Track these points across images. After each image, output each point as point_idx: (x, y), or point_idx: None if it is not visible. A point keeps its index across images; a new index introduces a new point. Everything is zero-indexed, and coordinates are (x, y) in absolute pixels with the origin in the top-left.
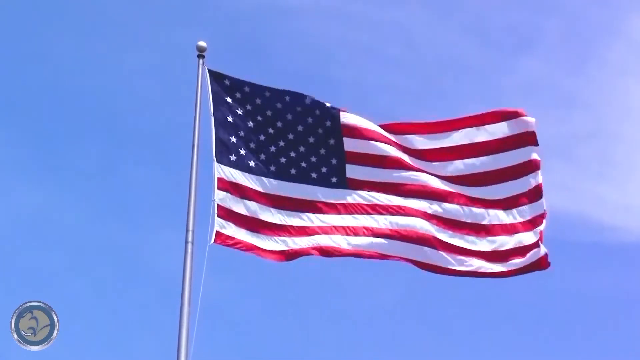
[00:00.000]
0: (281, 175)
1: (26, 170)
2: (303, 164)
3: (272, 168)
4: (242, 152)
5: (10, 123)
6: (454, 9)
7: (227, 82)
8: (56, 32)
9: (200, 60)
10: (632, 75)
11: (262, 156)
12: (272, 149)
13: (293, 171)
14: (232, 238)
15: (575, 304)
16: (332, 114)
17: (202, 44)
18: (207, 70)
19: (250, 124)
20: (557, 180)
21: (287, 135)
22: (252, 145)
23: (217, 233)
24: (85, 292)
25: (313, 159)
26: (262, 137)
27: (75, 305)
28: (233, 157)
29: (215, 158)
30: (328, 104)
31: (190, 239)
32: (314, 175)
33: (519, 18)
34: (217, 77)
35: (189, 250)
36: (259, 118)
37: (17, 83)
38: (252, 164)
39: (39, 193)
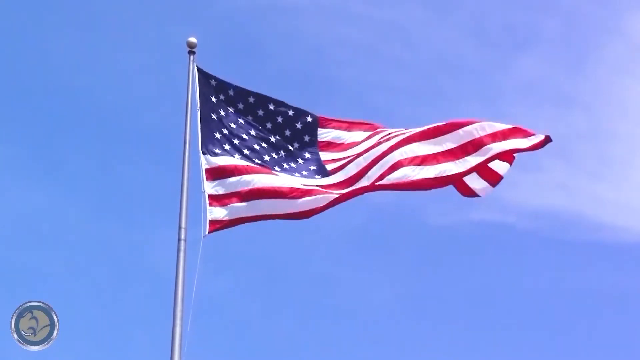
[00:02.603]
0: (269, 164)
1: (22, 170)
2: (285, 165)
3: (257, 161)
4: (227, 147)
5: (6, 122)
6: (452, 9)
7: (212, 82)
8: (51, 31)
9: (191, 57)
10: (629, 74)
11: (246, 151)
12: (255, 146)
13: (277, 168)
14: (225, 220)
15: (573, 302)
16: (311, 126)
17: (193, 40)
18: (196, 68)
19: (233, 125)
20: (555, 179)
21: (269, 140)
22: (236, 142)
23: (210, 222)
24: (82, 291)
25: (292, 164)
26: (244, 137)
27: (71, 305)
28: (218, 151)
29: (201, 150)
30: (309, 118)
31: (182, 236)
32: (296, 175)
33: (517, 17)
34: (203, 76)
35: (182, 248)
36: (241, 121)
37: (11, 82)
38: (237, 156)
39: (34, 192)
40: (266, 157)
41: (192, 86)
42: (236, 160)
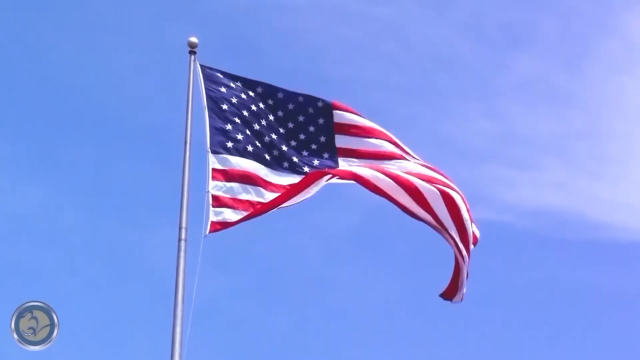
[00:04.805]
0: (274, 166)
1: (21, 169)
2: (295, 159)
3: (267, 157)
4: (240, 137)
5: (4, 121)
6: (449, 6)
7: (220, 75)
8: (50, 30)
9: (192, 57)
10: (627, 73)
11: (258, 143)
12: (266, 139)
13: (285, 164)
14: (228, 222)
15: (571, 301)
16: (325, 111)
17: (194, 39)
18: (198, 66)
19: (245, 113)
20: (553, 178)
21: (279, 129)
22: (248, 132)
23: (212, 223)
24: (82, 291)
25: (305, 153)
26: (256, 127)
27: (71, 305)
28: (230, 144)
29: (209, 149)
30: (320, 103)
31: (183, 236)
32: (305, 169)
33: (514, 15)
34: (209, 71)
35: (182, 248)
36: (253, 108)
37: (10, 81)
38: (250, 148)
39: (33, 192)
40: (275, 152)
41: (194, 86)
42: (245, 162)
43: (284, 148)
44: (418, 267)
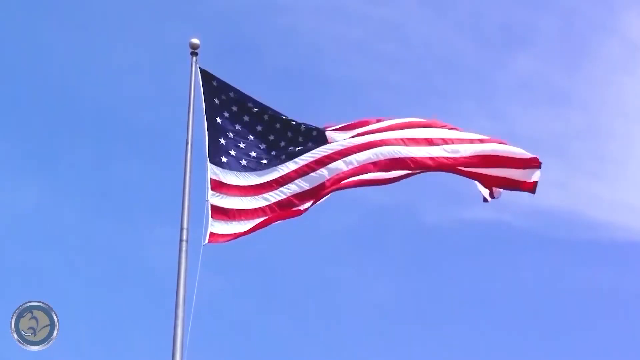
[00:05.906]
0: (273, 162)
1: (21, 169)
2: (291, 148)
3: (264, 161)
4: (232, 152)
5: (4, 121)
6: (449, 6)
7: (214, 84)
8: (50, 30)
9: (194, 58)
10: (626, 73)
11: (253, 153)
12: (262, 145)
13: (283, 156)
14: (225, 235)
15: (570, 301)
16: (313, 135)
17: (195, 41)
18: (199, 69)
19: (238, 126)
20: (551, 178)
21: (274, 130)
22: (241, 145)
23: (211, 234)
24: (82, 291)
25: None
26: (250, 137)
27: (71, 305)
28: (224, 159)
29: (208, 158)
30: (303, 127)
31: (184, 237)
32: (299, 147)
33: (514, 15)
34: (206, 78)
35: (184, 249)
36: (245, 119)
37: (10, 81)
38: (243, 162)
39: (33, 192)
40: (273, 152)
41: (196, 88)
42: (239, 176)
43: (282, 144)
44: (417, 267)
